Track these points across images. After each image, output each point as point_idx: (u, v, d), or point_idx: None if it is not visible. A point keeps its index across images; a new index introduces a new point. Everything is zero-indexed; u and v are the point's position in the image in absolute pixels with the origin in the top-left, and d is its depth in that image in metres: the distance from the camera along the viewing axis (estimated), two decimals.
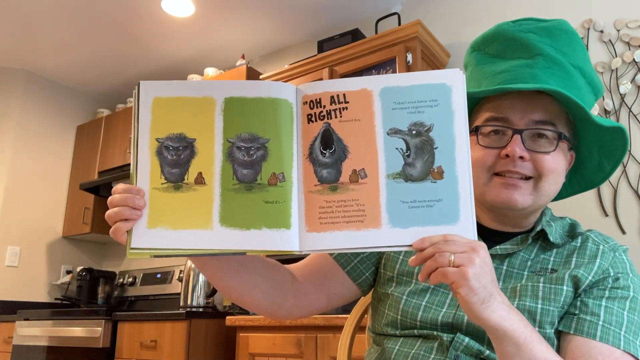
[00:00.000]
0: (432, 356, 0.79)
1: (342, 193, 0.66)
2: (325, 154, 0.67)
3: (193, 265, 2.72)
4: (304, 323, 1.94)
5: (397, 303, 0.85)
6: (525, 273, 0.82)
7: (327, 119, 0.67)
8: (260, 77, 2.66)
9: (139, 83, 0.68)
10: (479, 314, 0.62)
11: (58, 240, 3.53)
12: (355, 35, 2.45)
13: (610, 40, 2.12)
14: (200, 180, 0.66)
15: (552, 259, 0.83)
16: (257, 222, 0.65)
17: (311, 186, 0.66)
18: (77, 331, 2.50)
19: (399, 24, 2.49)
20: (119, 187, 0.67)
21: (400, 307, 0.84)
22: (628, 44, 2.08)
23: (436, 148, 0.65)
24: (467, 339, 0.78)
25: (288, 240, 0.65)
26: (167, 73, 3.55)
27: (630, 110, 2.03)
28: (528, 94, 0.82)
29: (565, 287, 0.78)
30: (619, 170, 2.00)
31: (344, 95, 0.67)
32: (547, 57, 0.83)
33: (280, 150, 0.67)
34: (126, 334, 2.41)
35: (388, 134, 0.66)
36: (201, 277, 2.70)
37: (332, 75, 2.35)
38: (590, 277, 0.79)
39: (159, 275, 3.23)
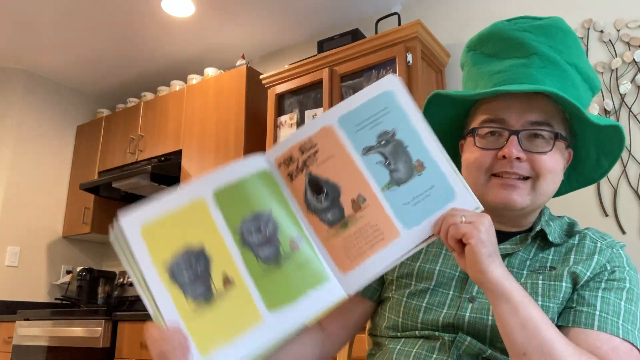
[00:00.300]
0: (435, 355, 0.79)
1: (354, 224, 0.68)
2: (320, 199, 0.69)
3: None
4: None
5: (397, 305, 0.85)
6: (525, 272, 0.83)
7: (306, 168, 0.69)
8: (261, 77, 2.66)
9: (117, 218, 0.63)
10: (486, 266, 0.66)
11: (58, 240, 3.53)
12: (355, 35, 2.45)
13: (610, 40, 2.12)
14: (228, 281, 0.64)
15: (550, 257, 0.84)
16: (300, 290, 0.65)
17: (325, 233, 0.68)
18: (77, 331, 2.50)
19: (399, 24, 2.49)
20: (152, 334, 0.62)
21: (401, 310, 0.84)
22: (628, 44, 2.08)
23: (407, 146, 0.69)
24: (469, 338, 0.78)
25: (334, 291, 0.66)
26: (167, 73, 3.55)
27: (630, 110, 2.03)
28: (524, 94, 0.82)
29: (564, 284, 0.79)
30: (619, 170, 2.00)
31: (309, 140, 0.70)
32: (542, 56, 0.83)
33: (286, 216, 0.68)
34: (126, 334, 2.41)
35: (363, 154, 0.69)
36: None
37: (332, 75, 2.35)
38: (588, 273, 0.80)
39: None
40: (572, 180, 0.95)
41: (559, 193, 0.93)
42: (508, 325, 0.67)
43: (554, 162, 0.81)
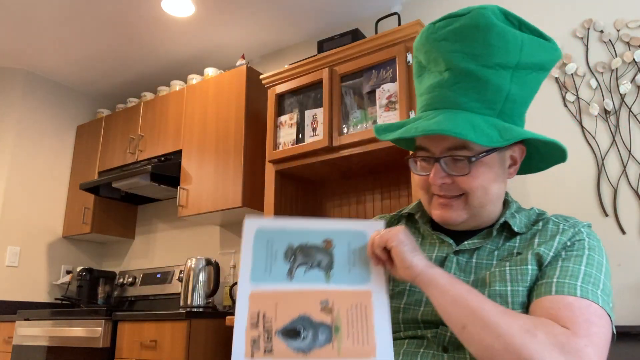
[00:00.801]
0: (422, 350, 0.82)
1: (342, 321, 0.76)
2: (303, 336, 0.75)
3: (193, 265, 2.72)
4: None
5: None
6: (494, 262, 0.86)
7: (272, 332, 0.75)
8: (261, 77, 2.66)
9: None
10: (410, 260, 0.76)
11: (58, 240, 3.53)
12: (355, 35, 2.45)
13: (610, 40, 2.12)
14: None
15: (517, 244, 0.88)
16: None
17: (333, 351, 0.74)
18: (77, 331, 2.51)
19: (399, 24, 2.49)
20: None
21: None
22: (628, 44, 2.08)
23: (307, 242, 0.81)
24: (450, 330, 0.80)
25: None
26: (167, 73, 3.55)
27: (630, 110, 2.03)
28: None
29: (530, 267, 0.82)
30: (619, 170, 2.00)
31: (251, 314, 0.76)
32: (455, 70, 0.83)
33: None
34: (126, 334, 2.41)
35: (291, 279, 0.79)
36: (201, 277, 2.70)
37: (332, 75, 2.35)
38: (551, 253, 0.83)
39: (159, 275, 3.23)
40: (544, 160, 0.96)
41: (537, 169, 0.97)
42: (442, 305, 0.74)
43: (477, 180, 0.84)
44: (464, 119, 0.80)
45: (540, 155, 0.94)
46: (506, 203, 0.94)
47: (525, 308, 0.79)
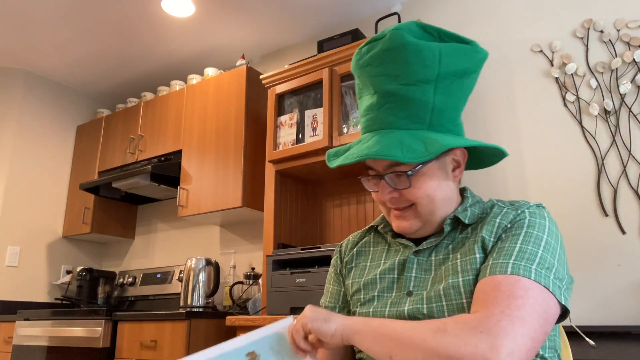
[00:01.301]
0: None
1: None
2: None
3: (193, 265, 2.73)
4: None
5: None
6: (450, 255, 0.89)
7: None
8: (261, 77, 2.66)
9: None
10: (328, 329, 0.80)
11: (58, 240, 3.53)
12: (355, 35, 2.45)
13: (610, 40, 2.12)
14: None
15: (469, 235, 0.90)
16: None
17: None
18: (77, 331, 2.51)
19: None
20: None
21: None
22: (628, 44, 2.08)
23: None
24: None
25: None
26: (167, 73, 3.55)
27: (630, 110, 2.03)
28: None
29: (477, 255, 0.84)
30: (619, 170, 2.00)
31: None
32: (380, 93, 0.88)
33: None
34: (126, 334, 2.41)
35: None
36: (201, 277, 2.70)
37: (332, 75, 2.35)
38: (492, 238, 0.85)
39: (159, 275, 3.23)
40: (492, 155, 0.99)
41: (489, 164, 1.00)
42: (366, 346, 0.77)
43: (420, 190, 0.88)
44: (394, 139, 0.84)
45: (484, 153, 0.98)
46: (463, 199, 0.96)
47: None
